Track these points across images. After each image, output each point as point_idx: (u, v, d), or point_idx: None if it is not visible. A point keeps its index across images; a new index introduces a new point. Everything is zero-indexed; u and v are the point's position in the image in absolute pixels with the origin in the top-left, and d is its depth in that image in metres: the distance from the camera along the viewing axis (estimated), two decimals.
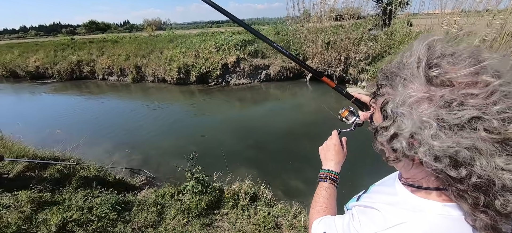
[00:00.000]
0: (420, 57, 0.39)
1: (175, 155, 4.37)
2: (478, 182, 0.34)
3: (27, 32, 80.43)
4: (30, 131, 5.63)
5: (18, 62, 13.48)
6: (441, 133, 0.34)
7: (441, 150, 0.35)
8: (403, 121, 0.38)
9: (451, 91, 0.34)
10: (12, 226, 1.77)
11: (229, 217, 2.35)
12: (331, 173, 0.75)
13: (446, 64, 0.36)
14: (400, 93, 0.39)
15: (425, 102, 0.36)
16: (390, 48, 8.29)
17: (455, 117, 0.33)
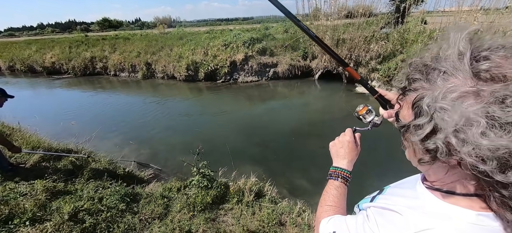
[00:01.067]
0: (460, 49, 0.36)
1: (182, 150, 4.44)
2: None
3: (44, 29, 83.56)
4: (46, 123, 5.86)
5: (36, 58, 14.04)
6: (490, 132, 0.31)
7: (490, 150, 0.31)
8: (443, 117, 0.34)
9: (505, 86, 0.32)
10: (28, 212, 1.87)
11: (234, 213, 2.37)
12: (343, 171, 0.72)
13: (497, 58, 0.34)
14: (440, 87, 0.36)
15: (471, 97, 0.33)
16: (403, 47, 8.05)
17: (510, 114, 0.30)
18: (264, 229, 2.11)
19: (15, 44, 16.90)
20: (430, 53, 0.41)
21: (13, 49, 15.94)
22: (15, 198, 2.12)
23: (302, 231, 2.09)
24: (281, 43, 10.27)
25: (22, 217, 1.82)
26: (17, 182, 2.48)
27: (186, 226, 2.02)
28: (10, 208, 1.87)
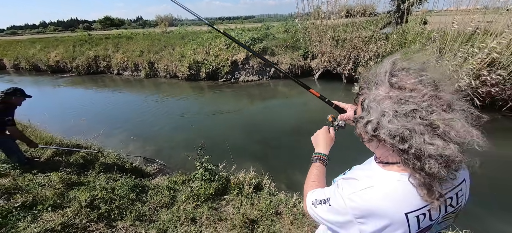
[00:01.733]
0: (386, 69, 0.57)
1: (185, 147, 4.64)
2: (415, 152, 0.50)
3: (47, 27, 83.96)
4: (55, 121, 6.09)
5: (40, 57, 14.28)
6: (394, 119, 0.51)
7: (394, 130, 0.51)
8: (373, 111, 0.55)
9: (402, 92, 0.52)
10: (49, 200, 2.07)
11: (234, 203, 2.57)
12: (320, 155, 0.92)
13: (401, 75, 0.55)
14: (373, 93, 0.57)
15: (386, 99, 0.53)
16: (401, 47, 8.18)
17: (402, 109, 0.51)
18: (262, 217, 2.30)
19: (20, 43, 17.14)
20: (374, 70, 0.61)
21: (18, 48, 16.19)
22: (34, 188, 2.33)
23: (297, 220, 2.28)
24: (282, 43, 10.43)
25: (45, 203, 2.03)
26: (35, 174, 2.69)
27: (190, 213, 2.22)
28: (33, 196, 2.07)
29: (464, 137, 0.49)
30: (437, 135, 0.49)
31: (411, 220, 0.55)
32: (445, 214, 0.60)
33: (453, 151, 0.48)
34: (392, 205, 0.55)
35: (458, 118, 0.50)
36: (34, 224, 1.84)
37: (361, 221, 0.58)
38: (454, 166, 0.50)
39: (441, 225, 0.64)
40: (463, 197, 0.63)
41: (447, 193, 0.58)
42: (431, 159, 0.49)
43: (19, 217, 1.89)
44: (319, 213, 0.70)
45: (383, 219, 0.56)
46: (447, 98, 0.51)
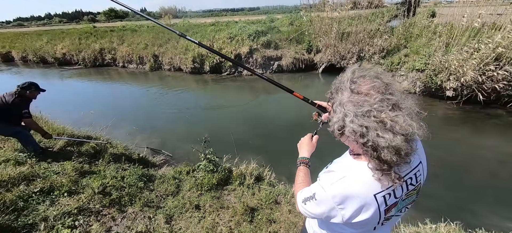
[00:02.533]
0: (348, 77, 0.69)
1: (189, 139, 4.76)
2: (371, 144, 0.61)
3: (52, 19, 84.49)
4: (64, 112, 6.29)
5: (47, 49, 14.52)
6: (354, 119, 0.62)
7: (354, 128, 0.62)
8: (338, 113, 0.67)
9: (359, 96, 0.64)
10: (65, 186, 2.23)
11: (236, 193, 2.70)
12: (303, 159, 1.06)
13: (359, 81, 0.66)
14: (339, 98, 0.69)
15: (348, 102, 0.65)
16: (407, 41, 8.07)
17: (360, 110, 0.62)
18: (262, 206, 2.43)
19: (27, 35, 17.41)
20: (340, 78, 0.73)
21: (25, 40, 16.45)
22: (50, 175, 2.50)
23: (295, 209, 2.41)
24: (286, 36, 10.38)
25: (61, 189, 2.19)
26: (49, 163, 2.87)
27: (195, 201, 2.37)
28: (51, 183, 2.24)
29: (406, 129, 0.59)
30: (386, 130, 0.59)
31: (379, 200, 0.68)
32: (407, 192, 0.73)
33: (399, 141, 0.59)
34: (362, 189, 0.67)
35: (402, 114, 0.60)
36: (52, 208, 2.00)
37: (341, 206, 0.69)
38: (402, 153, 0.60)
39: (406, 201, 0.76)
40: (421, 176, 0.76)
41: (407, 174, 0.70)
42: (384, 149, 0.60)
43: (39, 201, 2.06)
44: (308, 209, 0.80)
45: (358, 201, 0.68)
46: (394, 100, 0.62)
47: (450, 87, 5.71)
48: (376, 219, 0.71)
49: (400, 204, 0.74)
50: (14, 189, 2.15)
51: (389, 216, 0.73)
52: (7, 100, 2.73)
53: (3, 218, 1.75)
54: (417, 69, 6.46)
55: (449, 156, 4.15)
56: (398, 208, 0.75)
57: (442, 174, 3.65)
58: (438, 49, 6.17)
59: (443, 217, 2.39)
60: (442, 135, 4.93)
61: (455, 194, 3.26)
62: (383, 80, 0.66)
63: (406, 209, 0.80)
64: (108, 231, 1.88)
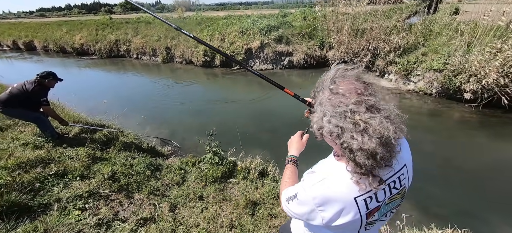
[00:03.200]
0: (329, 76, 0.67)
1: (197, 131, 4.86)
2: (346, 146, 0.59)
3: (71, 10, 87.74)
4: (80, 101, 6.57)
5: (66, 39, 15.13)
6: (331, 119, 0.61)
7: (331, 128, 0.61)
8: (318, 112, 0.65)
9: (337, 97, 0.62)
10: (78, 170, 2.35)
11: (239, 186, 2.74)
12: (292, 157, 1.03)
13: (338, 82, 0.65)
14: (319, 97, 0.67)
15: (327, 102, 0.63)
16: (426, 39, 7.69)
17: (336, 110, 0.60)
18: (264, 201, 2.45)
19: (48, 25, 18.19)
20: (322, 77, 0.72)
21: (47, 30, 17.22)
22: (65, 160, 2.64)
23: None
24: (298, 31, 10.20)
25: (74, 173, 2.31)
26: (64, 148, 3.02)
27: (199, 192, 2.42)
28: (64, 167, 2.37)
29: (380, 132, 0.56)
30: (359, 132, 0.57)
31: (359, 203, 0.66)
32: (390, 196, 0.70)
33: (372, 144, 0.56)
34: (342, 192, 0.65)
35: (378, 116, 0.58)
36: (65, 190, 2.12)
37: (321, 208, 0.68)
38: (378, 157, 0.58)
39: (390, 205, 0.74)
40: (405, 179, 0.73)
41: (390, 178, 0.68)
42: (358, 152, 0.58)
43: (53, 183, 2.19)
44: (291, 208, 0.79)
45: (337, 204, 0.66)
46: (372, 101, 0.60)
47: (469, 89, 5.42)
48: (357, 223, 0.69)
49: (383, 208, 0.72)
50: (32, 170, 2.29)
51: (371, 220, 0.71)
52: (27, 88, 2.89)
53: (21, 197, 1.88)
54: (435, 69, 6.17)
55: (464, 160, 3.97)
56: (382, 212, 0.72)
57: (454, 179, 3.51)
58: (459, 48, 5.85)
59: (450, 223, 2.31)
60: (457, 138, 4.72)
61: (467, 201, 3.13)
62: (364, 81, 0.64)
63: (391, 213, 0.78)
64: (115, 215, 1.97)
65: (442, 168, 3.80)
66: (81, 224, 1.77)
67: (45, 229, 1.61)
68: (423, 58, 6.78)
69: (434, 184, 3.38)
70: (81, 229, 1.68)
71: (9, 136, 3.09)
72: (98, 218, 1.86)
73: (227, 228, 1.95)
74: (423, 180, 3.35)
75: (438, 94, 6.19)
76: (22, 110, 2.95)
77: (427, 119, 5.53)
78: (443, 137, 4.80)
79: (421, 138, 4.55)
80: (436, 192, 3.27)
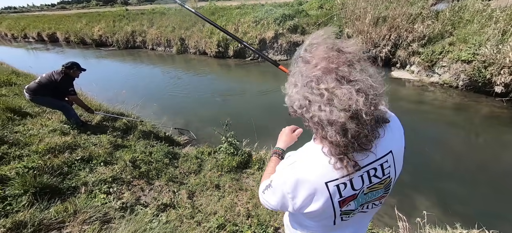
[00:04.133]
0: (304, 46, 0.61)
1: (211, 121, 4.90)
2: (316, 120, 0.54)
3: (90, 2, 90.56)
4: (100, 90, 6.85)
5: (86, 31, 15.68)
6: (300, 90, 0.55)
7: (299, 100, 0.56)
8: (289, 85, 0.60)
9: (306, 66, 0.56)
10: (101, 156, 2.47)
11: (255, 177, 2.75)
12: (278, 149, 0.96)
13: (309, 50, 0.59)
14: (293, 69, 0.61)
15: (297, 73, 0.58)
16: (454, 27, 7.12)
17: (305, 80, 0.55)
18: None
19: (69, 18, 18.93)
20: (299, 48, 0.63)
21: (67, 23, 17.93)
22: (89, 146, 2.78)
23: None
24: (314, 20, 9.86)
25: (98, 159, 2.43)
26: (88, 135, 3.17)
27: (215, 181, 2.46)
28: (89, 152, 2.49)
29: (348, 104, 0.50)
30: (325, 103, 0.52)
31: (331, 189, 0.60)
32: (369, 185, 0.63)
33: (339, 117, 0.51)
34: (312, 175, 0.60)
35: (347, 87, 0.51)
36: (91, 175, 2.24)
37: (290, 194, 0.63)
38: (349, 134, 0.52)
39: (369, 195, 0.67)
40: (390, 168, 0.64)
41: (370, 164, 0.61)
42: (328, 126, 0.52)
43: (80, 168, 2.31)
44: (266, 198, 0.74)
45: (307, 188, 0.61)
46: (344, 71, 0.53)
47: (501, 82, 5.02)
48: (330, 211, 0.64)
49: (360, 198, 0.65)
50: (60, 155, 2.43)
51: (347, 210, 0.65)
52: (55, 78, 3.05)
53: (52, 179, 2.01)
54: (462, 60, 5.75)
55: (492, 158, 3.73)
56: (359, 202, 0.66)
57: (480, 178, 3.31)
58: (491, 37, 5.38)
59: (476, 224, 2.19)
60: (485, 134, 4.42)
61: (495, 201, 2.95)
62: (340, 49, 0.56)
63: (374, 205, 0.71)
64: (137, 200, 2.06)
65: (467, 165, 3.59)
66: (107, 206, 1.87)
67: (74, 210, 1.71)
68: (450, 48, 6.32)
69: (457, 182, 3.21)
70: (107, 212, 1.77)
71: (39, 123, 3.28)
72: (122, 202, 1.95)
73: (244, 217, 1.97)
74: (446, 177, 3.19)
75: (465, 87, 5.79)
76: (50, 99, 3.11)
77: (451, 113, 5.21)
78: (468, 133, 4.52)
79: (444, 133, 4.31)
80: (459, 190, 3.11)
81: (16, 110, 3.49)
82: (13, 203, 1.71)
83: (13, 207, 1.68)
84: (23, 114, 3.51)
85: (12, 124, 3.12)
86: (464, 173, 3.43)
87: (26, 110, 3.66)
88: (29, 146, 2.56)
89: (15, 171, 2.00)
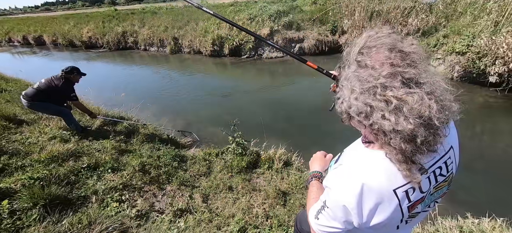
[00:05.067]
0: (358, 47, 0.57)
1: (211, 121, 4.85)
2: (378, 128, 0.51)
3: (75, 3, 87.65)
4: (95, 93, 6.64)
5: (74, 33, 15.16)
6: (359, 96, 0.52)
7: (359, 107, 0.52)
8: (344, 90, 0.56)
9: (365, 70, 0.53)
10: (108, 163, 2.39)
11: (265, 177, 2.73)
12: (315, 172, 0.94)
13: (365, 53, 0.55)
14: (346, 72, 0.58)
15: (354, 77, 0.54)
16: (448, 20, 7.26)
17: (365, 86, 0.51)
18: (293, 190, 2.44)
19: (55, 19, 18.23)
20: (348, 49, 0.61)
21: (54, 25, 17.27)
22: (93, 153, 2.68)
23: None
24: (309, 16, 9.87)
25: (105, 166, 2.35)
26: (90, 141, 3.07)
27: (227, 182, 2.43)
28: (95, 159, 2.40)
29: (421, 112, 0.47)
30: (392, 111, 0.49)
31: (400, 195, 0.56)
32: (436, 184, 0.61)
33: (407, 126, 0.47)
34: (379, 184, 0.56)
35: (418, 92, 0.48)
36: (100, 183, 2.16)
37: (355, 210, 0.58)
38: (419, 141, 0.49)
39: (435, 195, 0.65)
40: (452, 164, 0.63)
41: (435, 164, 0.59)
42: (391, 134, 0.49)
43: (87, 176, 2.23)
44: (322, 223, 0.66)
45: (373, 198, 0.56)
46: (411, 73, 0.50)
47: (494, 72, 5.16)
48: (398, 218, 0.60)
49: (427, 199, 0.62)
50: (65, 164, 2.34)
51: (414, 213, 0.62)
52: (56, 84, 2.93)
53: (61, 189, 1.92)
54: (457, 51, 5.88)
55: (489, 147, 3.84)
56: (426, 203, 0.63)
57: (479, 166, 3.40)
58: (485, 29, 5.52)
59: (487, 212, 2.24)
60: (481, 124, 4.55)
61: (497, 189, 3.04)
62: (401, 50, 0.52)
63: (436, 203, 0.68)
64: (151, 206, 2.01)
65: (466, 155, 3.66)
66: (121, 215, 1.81)
67: (89, 221, 1.65)
68: (444, 40, 6.46)
69: (459, 172, 3.27)
70: (122, 222, 1.72)
71: (36, 130, 3.15)
72: (136, 210, 1.89)
73: (264, 219, 1.95)
74: None
75: (460, 78, 5.93)
76: (49, 105, 2.99)
77: None
78: (465, 122, 4.63)
79: None
80: (460, 178, 3.18)
81: (11, 118, 3.34)
82: (23, 217, 1.63)
83: (24, 222, 1.60)
84: (19, 122, 3.36)
85: (9, 133, 2.98)
86: (462, 161, 3.51)
87: (21, 118, 3.51)
88: (30, 156, 2.45)
89: (21, 183, 1.91)
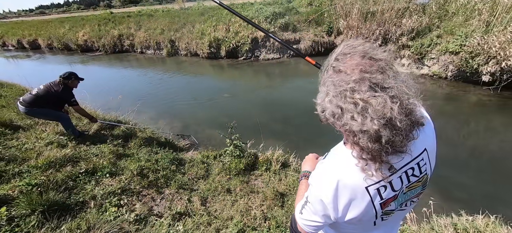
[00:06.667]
0: (335, 55, 0.61)
1: (209, 124, 4.86)
2: (348, 128, 0.54)
3: (70, 6, 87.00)
4: (92, 97, 6.61)
5: (70, 36, 15.06)
6: (333, 99, 0.56)
7: (332, 109, 0.56)
8: (321, 93, 0.61)
9: (338, 75, 0.57)
10: (106, 168, 2.39)
11: (263, 178, 2.75)
12: (305, 172, 0.98)
13: (340, 59, 0.59)
14: (324, 77, 0.62)
15: (330, 82, 0.58)
16: (441, 20, 7.38)
17: (338, 90, 0.55)
18: (291, 192, 2.46)
19: (50, 23, 18.09)
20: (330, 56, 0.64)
21: (49, 28, 17.14)
22: (90, 158, 2.68)
23: None
24: (305, 18, 9.94)
25: (103, 171, 2.35)
26: (88, 145, 3.06)
27: (225, 185, 2.45)
28: (93, 164, 2.40)
29: (383, 113, 0.51)
30: (359, 113, 0.52)
31: (372, 192, 0.61)
32: (408, 184, 0.65)
33: (372, 126, 0.51)
34: (352, 180, 0.60)
35: (382, 96, 0.52)
36: (98, 187, 2.16)
37: (331, 205, 0.63)
38: (383, 140, 0.52)
39: (409, 194, 0.68)
40: (426, 165, 0.66)
41: (407, 164, 0.62)
42: (359, 134, 0.53)
43: (85, 181, 2.23)
44: (306, 217, 0.71)
45: (347, 193, 0.61)
46: (377, 79, 0.53)
47: (487, 71, 5.26)
48: (371, 214, 0.64)
49: (400, 198, 0.66)
50: (63, 169, 2.34)
51: (388, 210, 0.66)
52: (56, 90, 2.93)
53: (59, 195, 1.92)
54: (450, 51, 5.98)
55: (483, 145, 3.91)
56: (399, 201, 0.67)
57: (474, 164, 3.47)
58: (477, 29, 5.63)
59: (481, 209, 2.29)
60: (475, 122, 4.63)
61: (490, 186, 3.10)
62: (371, 57, 0.56)
63: (412, 202, 0.72)
64: (150, 210, 2.01)
65: (458, 152, 3.75)
66: (120, 220, 1.81)
67: (88, 227, 1.66)
68: (438, 40, 6.56)
69: (453, 168, 3.34)
70: (121, 226, 1.72)
71: (33, 136, 3.14)
72: (135, 214, 1.90)
73: (262, 220, 1.97)
74: (441, 165, 3.30)
75: (453, 78, 6.03)
76: (48, 110, 2.99)
77: (442, 103, 5.42)
78: (459, 121, 4.72)
79: (436, 122, 4.47)
80: (455, 176, 3.24)
81: (7, 124, 3.32)
82: (22, 224, 1.63)
83: (22, 229, 1.60)
84: (15, 128, 3.34)
85: (5, 139, 2.97)
86: (458, 160, 3.58)
87: (17, 123, 3.49)
88: (27, 162, 2.44)
89: (18, 189, 1.90)
